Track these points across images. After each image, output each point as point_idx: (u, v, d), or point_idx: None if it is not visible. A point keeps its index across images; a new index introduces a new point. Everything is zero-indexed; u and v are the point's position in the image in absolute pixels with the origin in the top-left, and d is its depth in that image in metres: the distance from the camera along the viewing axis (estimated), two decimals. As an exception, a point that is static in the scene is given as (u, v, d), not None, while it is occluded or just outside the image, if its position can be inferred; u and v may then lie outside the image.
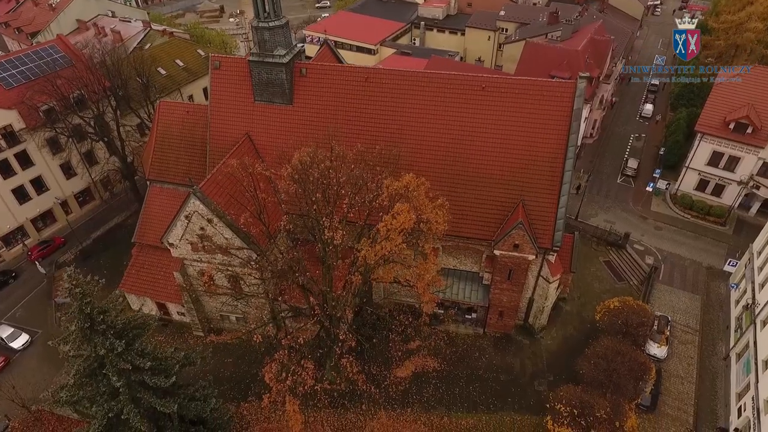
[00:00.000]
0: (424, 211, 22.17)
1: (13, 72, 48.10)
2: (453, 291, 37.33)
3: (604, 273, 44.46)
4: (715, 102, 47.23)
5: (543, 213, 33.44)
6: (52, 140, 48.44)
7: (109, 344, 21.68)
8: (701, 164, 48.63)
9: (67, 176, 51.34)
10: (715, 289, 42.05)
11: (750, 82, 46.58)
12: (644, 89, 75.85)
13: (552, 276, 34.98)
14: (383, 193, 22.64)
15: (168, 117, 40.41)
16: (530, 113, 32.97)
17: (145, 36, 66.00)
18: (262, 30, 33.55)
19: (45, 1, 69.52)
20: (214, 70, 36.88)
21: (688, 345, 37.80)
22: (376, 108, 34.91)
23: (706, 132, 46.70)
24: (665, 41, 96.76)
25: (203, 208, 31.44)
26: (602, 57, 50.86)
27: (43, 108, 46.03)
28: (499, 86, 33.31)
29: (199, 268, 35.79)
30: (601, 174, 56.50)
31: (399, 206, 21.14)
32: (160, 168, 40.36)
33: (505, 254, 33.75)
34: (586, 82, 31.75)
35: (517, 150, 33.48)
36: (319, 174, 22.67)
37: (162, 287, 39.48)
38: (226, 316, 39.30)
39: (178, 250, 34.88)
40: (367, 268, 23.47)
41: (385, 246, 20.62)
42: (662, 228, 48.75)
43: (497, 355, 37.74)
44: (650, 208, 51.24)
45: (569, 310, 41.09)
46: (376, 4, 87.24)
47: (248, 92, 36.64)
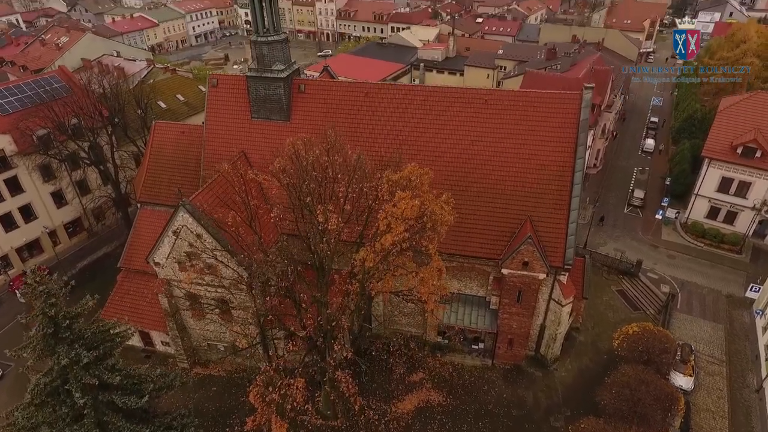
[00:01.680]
0: (427, 203, 20.37)
1: (11, 99, 47.75)
2: (458, 316, 34.78)
3: (618, 302, 41.90)
4: (720, 127, 46.55)
5: (552, 229, 31.58)
6: (45, 167, 47.35)
7: (75, 355, 19.18)
8: (711, 191, 47.24)
9: (57, 205, 49.81)
10: (738, 318, 39.37)
11: (754, 108, 46.17)
12: (644, 126, 76.15)
13: (564, 298, 32.56)
14: (383, 186, 20.94)
15: (162, 138, 39.47)
16: (535, 126, 31.87)
17: (148, 73, 66.80)
18: (260, 45, 33.14)
19: (52, 41, 70.92)
20: (212, 88, 36.25)
21: (715, 376, 34.72)
22: (377, 123, 33.91)
23: (714, 157, 45.66)
24: (660, 85, 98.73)
25: (192, 221, 29.63)
26: (603, 86, 50.81)
27: (38, 133, 45.30)
28: (502, 99, 32.45)
29: (186, 289, 33.45)
30: (607, 204, 55.04)
31: (400, 194, 19.40)
32: (152, 189, 38.93)
33: (513, 273, 31.56)
34: (591, 93, 30.88)
35: (523, 164, 32.11)
36: (313, 158, 21.13)
37: (146, 314, 36.97)
38: (214, 345, 36.45)
39: (165, 270, 32.71)
40: (365, 274, 21.37)
41: (386, 240, 18.63)
42: (675, 256, 46.63)
43: (508, 388, 34.60)
44: (661, 237, 49.34)
45: (583, 340, 38.26)
46: (377, 48, 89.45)
47: (245, 109, 35.83)
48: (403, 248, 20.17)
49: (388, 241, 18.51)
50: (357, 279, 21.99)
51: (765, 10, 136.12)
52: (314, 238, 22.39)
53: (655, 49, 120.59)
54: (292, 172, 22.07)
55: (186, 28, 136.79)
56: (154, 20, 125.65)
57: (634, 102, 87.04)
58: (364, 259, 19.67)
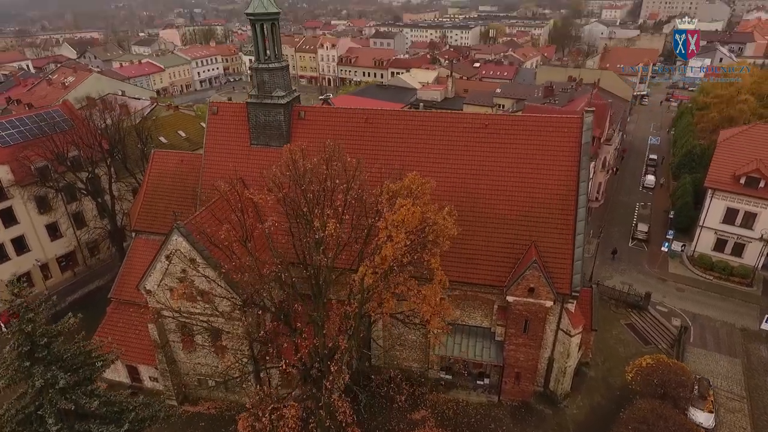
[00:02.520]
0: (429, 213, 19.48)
1: (12, 131, 47.90)
2: (462, 348, 33.12)
3: (628, 336, 40.20)
4: (721, 158, 46.41)
5: (558, 255, 30.57)
6: (41, 198, 46.83)
7: (51, 376, 17.77)
8: (716, 222, 46.47)
9: (51, 237, 48.90)
10: (755, 352, 37.59)
11: (754, 139, 46.22)
12: (643, 164, 76.44)
13: (573, 328, 31.09)
14: (383, 197, 20.15)
15: (161, 166, 39.14)
16: (537, 150, 31.53)
17: (150, 111, 67.63)
18: (261, 71, 33.37)
19: (59, 81, 72.26)
20: (212, 115, 36.30)
21: (737, 414, 32.65)
22: (377, 149, 33.58)
23: (717, 188, 45.21)
24: (656, 125, 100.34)
25: (186, 245, 28.69)
26: (602, 119, 51.14)
27: (37, 164, 45.09)
28: (502, 123, 32.32)
29: (178, 320, 32.01)
30: (611, 238, 54.12)
31: (401, 201, 18.56)
32: (147, 217, 38.18)
33: (519, 301, 30.28)
34: (592, 116, 30.72)
35: (526, 189, 31.51)
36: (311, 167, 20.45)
37: (135, 347, 35.27)
38: (205, 381, 34.52)
39: (156, 298, 31.41)
40: (364, 293, 20.21)
41: (387, 251, 17.60)
42: (684, 289, 45.24)
43: (516, 426, 32.46)
44: (668, 270, 48.12)
45: (594, 375, 36.36)
46: (377, 90, 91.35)
47: (244, 136, 35.69)
48: (404, 263, 19.16)
49: (389, 251, 17.50)
50: (356, 299, 20.81)
51: (753, 56, 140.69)
52: (310, 250, 21.38)
53: (650, 93, 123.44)
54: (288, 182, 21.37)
55: (191, 73, 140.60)
56: (160, 66, 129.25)
57: (631, 142, 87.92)
58: (363, 275, 18.60)
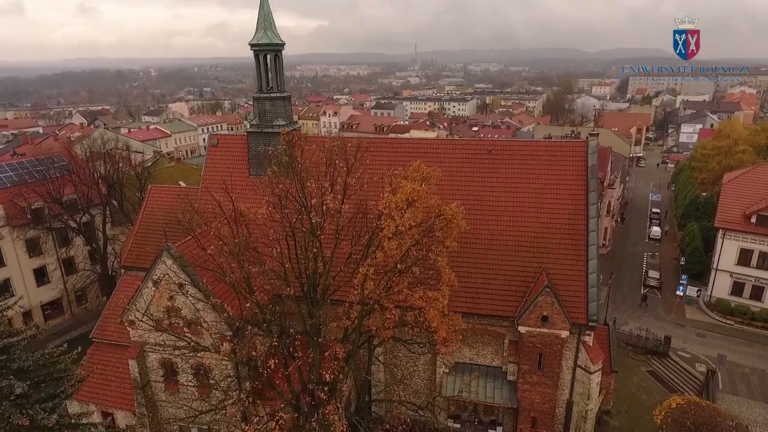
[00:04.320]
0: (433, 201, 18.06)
1: (11, 174, 47.60)
2: (471, 389, 30.18)
3: (651, 383, 37.08)
4: (728, 198, 45.64)
5: (570, 282, 28.72)
6: (32, 241, 45.50)
7: (6, 385, 15.59)
8: (730, 264, 44.70)
9: (38, 283, 46.95)
10: (792, 398, 34.40)
11: (758, 179, 45.86)
12: (647, 217, 75.69)
13: (593, 364, 28.46)
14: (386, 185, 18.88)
15: (157, 202, 38.18)
16: (542, 175, 30.72)
17: (153, 163, 68.09)
18: (263, 101, 33.44)
19: (65, 135, 73.46)
20: (212, 147, 35.97)
21: (782, 465, 29.07)
22: (378, 177, 32.77)
23: (728, 228, 43.96)
24: (656, 183, 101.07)
25: (176, 268, 26.99)
26: (603, 162, 51.05)
27: (32, 206, 44.31)
28: (507, 149, 31.78)
29: (162, 356, 29.52)
30: (621, 286, 52.04)
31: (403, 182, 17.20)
32: (138, 253, 36.55)
33: (532, 332, 27.96)
34: (596, 140, 30.25)
35: (533, 214, 30.34)
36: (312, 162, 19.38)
37: (113, 392, 32.32)
38: (187, 430, 31.14)
39: (139, 331, 29.07)
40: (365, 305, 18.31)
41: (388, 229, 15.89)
42: (705, 335, 42.52)
43: (535, 481, 28.75)
44: (685, 315, 45.63)
45: (617, 425, 33.02)
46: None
47: (243, 167, 35.13)
48: (409, 263, 17.45)
49: (390, 229, 15.92)
50: (355, 309, 18.86)
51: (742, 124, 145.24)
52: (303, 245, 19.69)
53: (645, 156, 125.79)
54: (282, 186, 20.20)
55: (197, 139, 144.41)
56: (167, 131, 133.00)
57: (633, 198, 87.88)
58: (365, 275, 16.88)
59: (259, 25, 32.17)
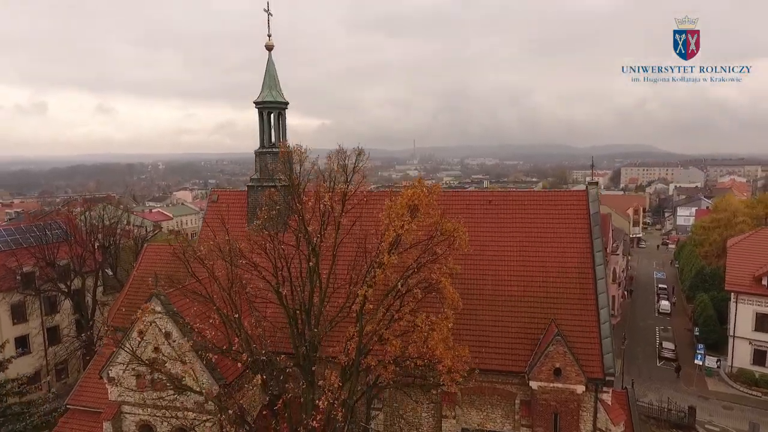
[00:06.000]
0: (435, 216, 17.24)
1: (7, 239, 47.11)
2: (481, 459, 27.09)
3: (680, 459, 33.51)
4: (735, 261, 44.80)
5: (583, 334, 26.98)
6: (17, 306, 43.81)
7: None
8: (748, 331, 42.63)
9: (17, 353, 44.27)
10: (839, 473, 30.81)
11: (763, 241, 45.23)
12: (654, 293, 73.90)
13: (614, 425, 25.79)
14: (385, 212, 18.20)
15: (151, 260, 37.15)
16: (544, 225, 30.26)
17: (152, 236, 67.96)
18: (264, 155, 33.96)
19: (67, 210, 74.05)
20: (212, 203, 35.92)
21: None
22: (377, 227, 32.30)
23: (740, 291, 42.53)
24: (659, 262, 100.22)
25: (164, 315, 25.53)
26: (604, 229, 50.64)
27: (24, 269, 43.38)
28: (507, 200, 31.64)
29: (140, 418, 26.89)
30: (636, 359, 49.29)
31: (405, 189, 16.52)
32: (128, 311, 34.84)
33: (544, 387, 25.69)
34: (597, 188, 30.23)
35: (537, 264, 29.36)
36: None
37: (83, 465, 29.02)
38: None
39: (120, 388, 26.75)
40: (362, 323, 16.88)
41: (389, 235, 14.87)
42: (732, 407, 39.33)
43: None
44: (707, 387, 42.59)
45: (648, 505, 29.19)
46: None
47: (242, 221, 34.71)
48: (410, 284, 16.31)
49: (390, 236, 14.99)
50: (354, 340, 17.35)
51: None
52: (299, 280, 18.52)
53: (645, 238, 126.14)
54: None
55: (198, 223, 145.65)
56: (169, 214, 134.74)
57: (637, 277, 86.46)
58: (364, 295, 15.71)
59: (265, 85, 33.65)
